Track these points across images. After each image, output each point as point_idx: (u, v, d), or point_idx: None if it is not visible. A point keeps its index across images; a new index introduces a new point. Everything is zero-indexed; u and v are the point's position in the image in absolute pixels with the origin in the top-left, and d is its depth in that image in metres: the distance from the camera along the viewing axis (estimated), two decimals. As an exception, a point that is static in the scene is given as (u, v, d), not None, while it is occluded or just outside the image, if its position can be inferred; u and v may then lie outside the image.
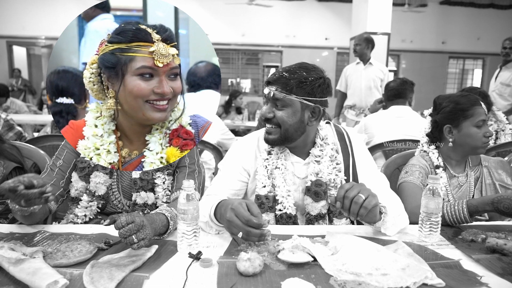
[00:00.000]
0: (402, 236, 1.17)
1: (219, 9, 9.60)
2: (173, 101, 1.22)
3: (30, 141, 2.04)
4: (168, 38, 1.15)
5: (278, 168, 1.30)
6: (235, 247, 1.06)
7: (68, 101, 1.29)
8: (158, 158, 1.24)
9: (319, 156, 1.32)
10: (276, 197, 1.29)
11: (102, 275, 0.84)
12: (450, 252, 1.06)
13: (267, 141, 1.31)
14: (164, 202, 1.27)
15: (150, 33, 1.12)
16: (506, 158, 1.91)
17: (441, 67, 10.63)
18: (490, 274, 0.92)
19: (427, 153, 1.58)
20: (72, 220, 1.29)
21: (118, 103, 1.19)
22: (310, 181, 1.29)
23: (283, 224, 1.29)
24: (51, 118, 3.57)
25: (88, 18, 3.67)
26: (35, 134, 3.00)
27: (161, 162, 1.24)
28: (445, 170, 1.53)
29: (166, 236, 1.11)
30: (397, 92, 2.78)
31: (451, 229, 1.24)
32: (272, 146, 1.33)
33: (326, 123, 1.40)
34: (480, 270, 0.94)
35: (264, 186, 1.30)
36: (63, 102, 1.26)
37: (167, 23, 1.19)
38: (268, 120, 1.29)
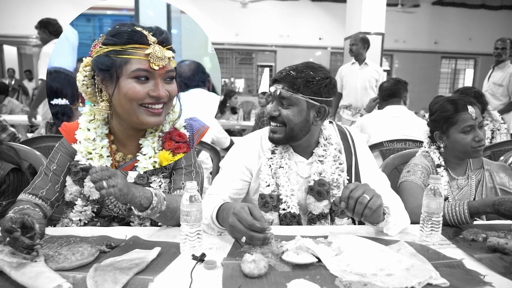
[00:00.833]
0: (403, 236, 1.18)
1: (213, 8, 9.58)
2: (168, 104, 1.19)
3: (25, 142, 2.01)
4: (164, 40, 1.13)
5: (282, 167, 1.30)
6: (238, 249, 1.05)
7: (63, 102, 1.27)
8: (151, 163, 1.21)
9: (323, 156, 1.32)
10: (280, 196, 1.29)
11: (106, 279, 0.83)
12: (452, 251, 1.07)
13: (272, 139, 1.30)
14: None
15: (146, 35, 1.10)
16: (502, 158, 1.93)
17: (433, 67, 10.74)
18: (493, 274, 0.93)
19: (429, 153, 1.58)
20: (67, 224, 1.27)
21: (112, 106, 1.17)
22: (313, 180, 1.29)
23: (287, 223, 1.28)
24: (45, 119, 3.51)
25: (44, 42, 3.85)
26: (29, 135, 2.96)
27: (154, 167, 1.22)
28: (446, 169, 1.53)
29: (149, 212, 1.09)
30: (391, 92, 2.80)
31: (452, 228, 1.25)
32: (275, 145, 1.33)
33: (329, 123, 1.40)
34: (482, 270, 0.95)
35: (268, 185, 1.29)
36: (58, 103, 1.24)
37: (159, 22, 1.17)
38: (273, 118, 1.28)
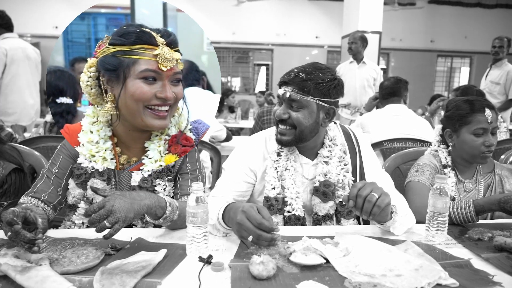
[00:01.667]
0: (409, 235, 1.17)
1: (210, 7, 9.53)
2: (173, 107, 1.19)
3: (23, 142, 1.99)
4: (172, 42, 1.13)
5: (288, 169, 1.29)
6: (245, 250, 1.04)
7: (68, 101, 1.26)
8: (157, 166, 1.21)
9: (328, 157, 1.31)
10: (285, 199, 1.28)
11: (113, 282, 0.82)
12: (459, 251, 1.06)
13: (280, 142, 1.29)
14: None
15: (154, 36, 1.10)
16: (503, 156, 1.94)
17: (429, 65, 10.76)
18: (501, 273, 0.93)
19: (438, 152, 1.56)
20: (69, 227, 1.25)
21: (117, 108, 1.15)
22: (319, 181, 1.28)
23: (291, 225, 1.28)
24: (43, 119, 3.48)
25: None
26: (26, 135, 2.92)
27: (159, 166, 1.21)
28: (454, 170, 1.51)
29: (161, 221, 1.08)
30: (391, 90, 2.80)
31: (457, 228, 1.25)
32: (281, 147, 1.32)
33: (334, 123, 1.39)
34: (490, 269, 0.95)
35: (273, 188, 1.28)
36: (63, 102, 1.23)
37: (154, 21, 1.16)
38: (282, 121, 1.27)
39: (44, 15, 9.03)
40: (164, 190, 1.24)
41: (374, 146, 2.32)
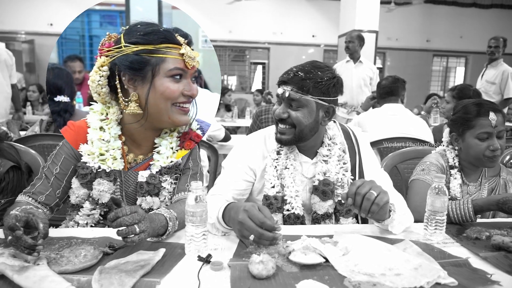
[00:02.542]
0: (408, 234, 1.18)
1: (206, 5, 9.50)
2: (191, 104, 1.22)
3: (18, 140, 1.97)
4: (190, 42, 1.18)
5: (288, 168, 1.29)
6: (244, 249, 1.04)
7: (66, 99, 1.24)
8: (168, 162, 1.22)
9: (327, 155, 1.31)
10: (284, 197, 1.28)
11: (112, 282, 0.81)
12: (457, 250, 1.07)
13: (280, 141, 1.29)
14: None
15: (176, 35, 1.13)
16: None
17: (425, 65, 10.81)
18: (499, 272, 0.93)
19: (446, 152, 1.54)
20: (72, 227, 1.24)
21: (140, 107, 1.14)
22: (318, 180, 1.28)
23: (291, 224, 1.28)
24: (38, 117, 3.45)
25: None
26: (22, 133, 2.90)
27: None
28: (460, 172, 1.49)
29: (164, 238, 1.07)
30: (389, 90, 2.80)
31: (455, 227, 1.26)
32: (281, 146, 1.31)
33: (333, 122, 1.39)
34: (488, 268, 0.95)
35: (273, 187, 1.28)
36: (61, 100, 1.21)
37: (149, 18, 1.16)
38: (282, 120, 1.26)
39: (39, 13, 8.94)
40: (170, 186, 1.24)
41: (371, 145, 2.32)
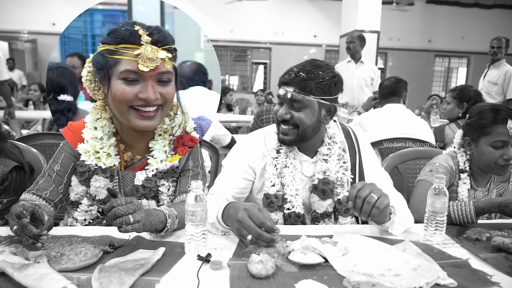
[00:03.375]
0: (408, 235, 1.17)
1: (208, 5, 9.51)
2: (165, 108, 1.16)
3: (20, 139, 1.97)
4: (159, 40, 1.07)
5: (287, 167, 1.29)
6: (243, 249, 1.04)
7: (69, 98, 1.24)
8: (163, 166, 1.21)
9: (327, 154, 1.31)
10: (284, 196, 1.28)
11: (111, 280, 0.82)
12: (457, 251, 1.07)
13: (283, 141, 1.29)
14: None
15: (141, 35, 1.05)
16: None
17: (427, 65, 10.80)
18: (499, 273, 0.93)
19: (456, 154, 1.51)
20: (71, 224, 1.25)
21: (108, 106, 1.15)
22: (318, 179, 1.28)
23: (291, 223, 1.28)
24: (41, 115, 3.46)
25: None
26: (24, 132, 2.91)
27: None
28: (470, 176, 1.47)
29: (163, 234, 1.08)
30: (391, 90, 2.80)
31: (455, 227, 1.25)
32: (281, 144, 1.31)
33: (333, 121, 1.39)
34: (488, 269, 0.95)
35: (273, 185, 1.28)
36: (64, 99, 1.21)
37: (151, 18, 1.15)
38: (285, 121, 1.26)
39: (41, 12, 8.98)
40: (167, 190, 1.24)
41: (372, 145, 2.32)
